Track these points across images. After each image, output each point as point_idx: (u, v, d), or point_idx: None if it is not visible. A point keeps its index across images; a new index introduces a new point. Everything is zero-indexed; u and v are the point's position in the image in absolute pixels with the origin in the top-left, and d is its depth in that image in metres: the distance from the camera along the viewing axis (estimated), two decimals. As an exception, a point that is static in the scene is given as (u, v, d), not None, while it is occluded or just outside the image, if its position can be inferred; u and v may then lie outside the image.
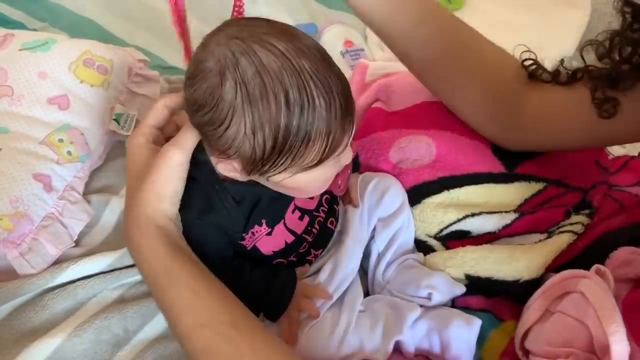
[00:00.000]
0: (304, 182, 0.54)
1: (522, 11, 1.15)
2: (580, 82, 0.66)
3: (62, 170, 0.76)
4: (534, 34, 1.10)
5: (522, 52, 0.70)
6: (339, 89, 0.49)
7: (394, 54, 0.75)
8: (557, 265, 0.68)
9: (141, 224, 0.56)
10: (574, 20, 1.11)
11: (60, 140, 0.78)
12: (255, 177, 0.55)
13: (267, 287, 0.62)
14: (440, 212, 0.72)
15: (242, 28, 0.50)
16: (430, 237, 0.73)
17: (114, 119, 0.82)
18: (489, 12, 1.17)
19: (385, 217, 0.72)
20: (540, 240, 0.69)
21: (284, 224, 0.62)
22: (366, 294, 0.70)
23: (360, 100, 0.88)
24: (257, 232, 0.61)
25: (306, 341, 0.62)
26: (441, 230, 0.72)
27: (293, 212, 0.63)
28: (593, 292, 0.58)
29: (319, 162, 0.51)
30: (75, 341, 0.64)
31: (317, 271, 0.68)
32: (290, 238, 0.63)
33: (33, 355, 0.62)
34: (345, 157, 0.55)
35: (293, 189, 0.56)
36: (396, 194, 0.73)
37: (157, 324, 0.67)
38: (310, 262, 0.68)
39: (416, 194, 0.74)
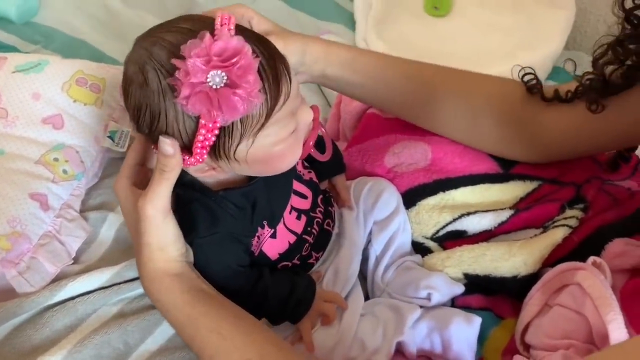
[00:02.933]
0: (269, 146, 0.54)
1: (508, 14, 1.16)
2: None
3: (59, 188, 0.77)
4: (521, 36, 1.12)
5: (520, 70, 0.71)
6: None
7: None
8: (553, 259, 0.68)
9: (154, 279, 0.56)
10: (560, 21, 1.12)
11: (56, 160, 0.79)
12: (227, 164, 0.54)
13: (293, 286, 0.63)
14: (436, 213, 0.73)
15: (149, 31, 0.53)
16: (427, 238, 0.74)
17: (108, 136, 0.83)
18: (476, 16, 1.18)
19: (380, 220, 0.72)
20: (535, 235, 0.70)
21: (284, 224, 0.63)
22: (366, 298, 0.70)
23: (355, 106, 0.89)
24: (261, 235, 0.62)
25: (309, 347, 0.63)
26: (437, 231, 0.73)
27: (290, 212, 0.64)
28: (590, 282, 0.58)
29: (267, 116, 0.51)
30: (76, 357, 0.64)
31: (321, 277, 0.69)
32: (292, 238, 0.64)
33: (35, 373, 0.62)
34: (304, 114, 0.56)
35: (267, 161, 0.55)
36: (390, 197, 0.73)
37: (158, 337, 0.67)
38: (312, 265, 0.68)
39: (412, 197, 0.74)
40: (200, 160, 0.52)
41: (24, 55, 0.90)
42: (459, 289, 0.69)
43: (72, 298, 0.69)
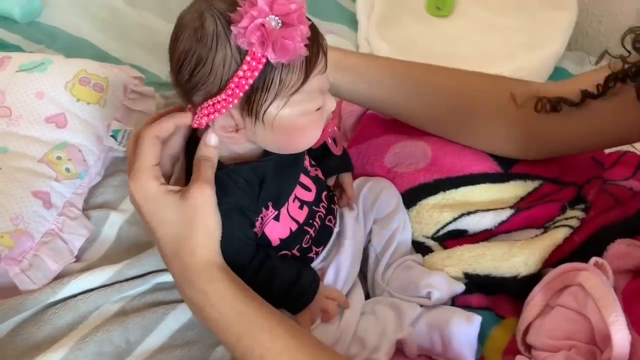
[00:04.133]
0: (296, 116, 0.56)
1: (510, 15, 1.16)
2: (611, 90, 0.63)
3: (61, 187, 0.77)
4: (523, 37, 1.12)
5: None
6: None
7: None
8: (554, 260, 0.68)
9: (204, 269, 0.55)
10: (562, 22, 1.12)
11: (59, 158, 0.79)
12: (252, 127, 0.56)
13: (300, 274, 0.63)
14: (436, 212, 0.73)
15: None
16: (428, 237, 0.74)
17: (111, 136, 0.83)
18: (477, 17, 1.18)
19: (380, 218, 0.73)
20: (536, 236, 0.70)
21: (287, 210, 0.64)
22: (366, 297, 0.70)
23: (356, 106, 0.89)
24: (265, 216, 0.62)
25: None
26: (438, 231, 0.73)
27: (294, 201, 0.65)
28: (592, 283, 0.58)
29: (304, 80, 0.54)
30: (77, 354, 0.64)
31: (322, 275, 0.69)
32: (294, 226, 0.65)
33: (36, 371, 0.62)
34: (330, 99, 0.59)
35: (290, 132, 0.57)
36: (390, 196, 0.73)
37: (159, 335, 0.67)
38: (311, 260, 0.69)
39: (412, 196, 0.75)
40: (232, 100, 0.53)
41: (28, 55, 0.91)
42: (459, 287, 0.69)
43: (74, 296, 0.69)
